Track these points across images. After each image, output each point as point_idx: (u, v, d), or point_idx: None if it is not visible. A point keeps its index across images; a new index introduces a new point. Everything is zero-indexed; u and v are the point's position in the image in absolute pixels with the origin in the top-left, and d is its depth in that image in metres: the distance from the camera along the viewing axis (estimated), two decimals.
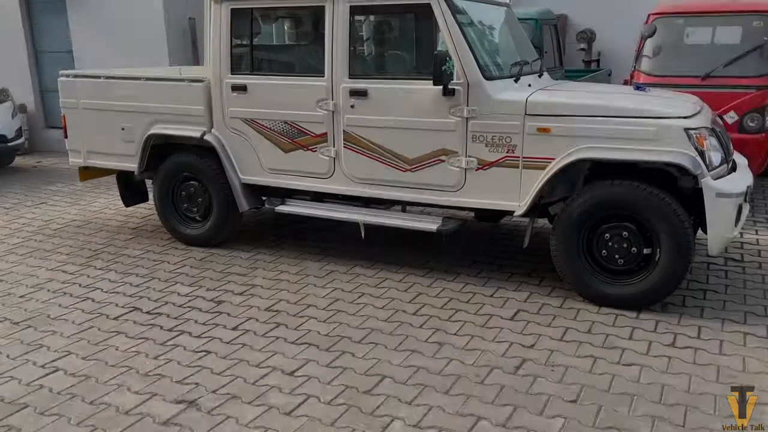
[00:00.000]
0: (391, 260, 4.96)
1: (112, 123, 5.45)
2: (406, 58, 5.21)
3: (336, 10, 4.46)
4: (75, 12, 9.65)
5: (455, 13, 4.21)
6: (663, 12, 6.20)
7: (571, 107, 3.97)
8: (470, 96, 4.16)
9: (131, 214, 6.44)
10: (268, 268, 4.89)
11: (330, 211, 4.88)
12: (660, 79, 5.98)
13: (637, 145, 3.80)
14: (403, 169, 4.47)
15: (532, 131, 4.04)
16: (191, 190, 5.36)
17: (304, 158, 4.80)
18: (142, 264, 5.03)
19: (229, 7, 4.84)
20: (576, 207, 3.97)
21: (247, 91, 4.86)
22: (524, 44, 5.15)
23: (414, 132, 4.37)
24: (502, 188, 4.21)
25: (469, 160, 4.25)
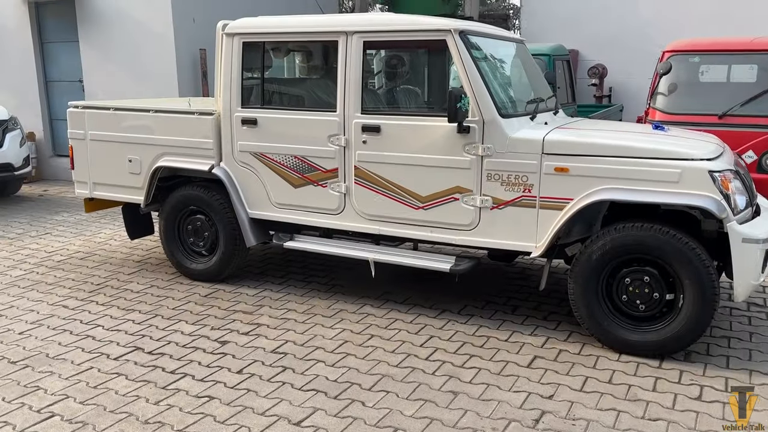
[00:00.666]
0: (401, 299, 4.81)
1: (120, 155, 5.38)
2: (419, 93, 5.14)
3: (349, 44, 4.40)
4: (86, 42, 9.69)
5: (470, 49, 4.14)
6: (678, 50, 6.13)
7: (591, 147, 3.86)
8: (485, 134, 4.07)
9: (136, 246, 6.33)
10: (275, 305, 4.75)
11: (339, 248, 4.76)
12: (676, 117, 5.88)
13: (660, 187, 3.68)
14: (416, 206, 4.35)
15: (549, 171, 3.93)
16: (198, 224, 5.25)
17: (314, 193, 4.69)
18: (146, 300, 4.89)
19: (241, 40, 4.79)
20: (595, 250, 3.83)
21: (258, 125, 4.78)
22: (539, 81, 5.07)
23: (427, 169, 4.26)
24: (517, 228, 4.08)
25: (483, 199, 4.13)
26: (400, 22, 4.35)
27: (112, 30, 9.40)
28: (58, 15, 10.00)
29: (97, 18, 9.46)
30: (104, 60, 9.58)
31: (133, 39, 9.26)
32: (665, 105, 6.02)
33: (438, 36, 4.17)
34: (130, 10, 9.19)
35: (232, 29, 4.83)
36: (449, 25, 4.13)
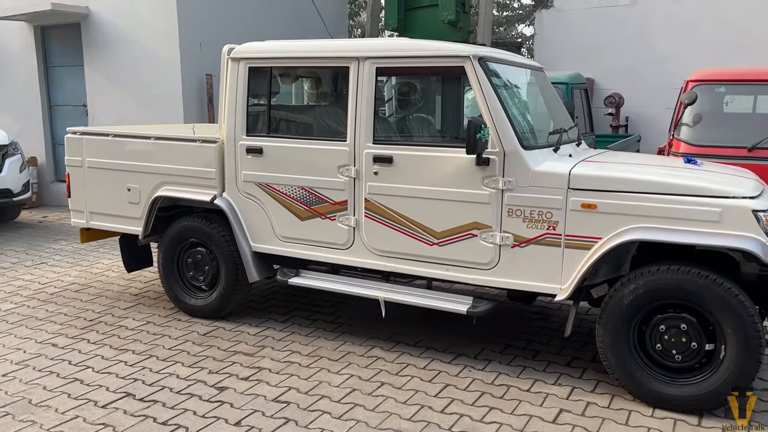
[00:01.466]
0: (413, 341, 4.49)
1: (118, 183, 5.13)
2: (435, 123, 4.88)
3: (361, 70, 4.16)
4: (91, 66, 9.54)
5: (490, 76, 3.89)
6: (703, 79, 5.87)
7: (621, 182, 3.58)
8: (506, 166, 3.79)
9: (134, 278, 6.05)
10: (278, 347, 4.44)
11: (347, 285, 4.46)
12: (702, 149, 5.60)
13: (698, 227, 3.38)
14: (431, 242, 4.06)
15: (575, 207, 3.65)
16: (198, 257, 4.97)
17: (321, 227, 4.41)
18: (141, 338, 4.59)
19: (247, 65, 4.56)
20: (627, 294, 3.52)
21: (263, 154, 4.53)
22: (559, 110, 4.81)
23: (443, 203, 3.99)
24: (541, 268, 3.78)
25: (504, 236, 3.84)
26: (416, 47, 4.11)
27: (117, 54, 9.25)
28: (64, 39, 9.87)
29: (103, 42, 9.32)
30: (109, 84, 9.42)
31: (138, 64, 9.09)
32: (690, 136, 5.74)
33: (456, 62, 3.92)
34: (135, 35, 9.04)
35: (238, 54, 4.60)
36: (468, 51, 3.89)
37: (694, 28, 8.72)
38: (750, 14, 8.42)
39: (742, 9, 8.44)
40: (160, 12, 8.74)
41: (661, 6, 8.87)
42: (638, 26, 8.99)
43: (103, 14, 9.26)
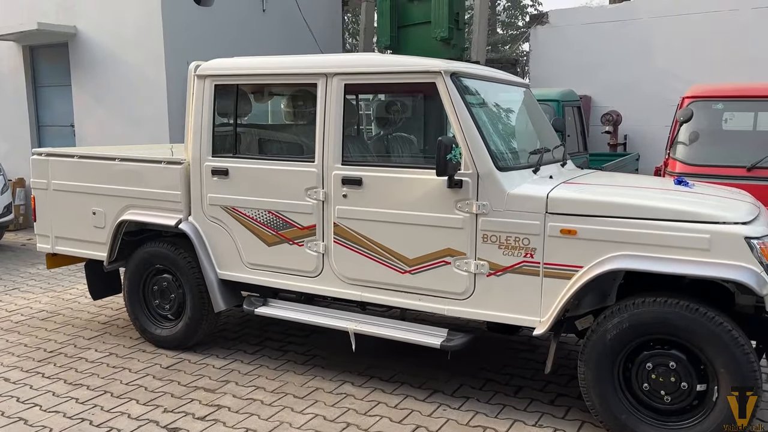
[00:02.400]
0: (388, 375, 4.20)
1: (83, 206, 4.90)
2: (406, 143, 4.62)
3: (329, 88, 3.92)
4: (79, 86, 9.39)
5: (464, 93, 3.63)
6: (700, 95, 5.60)
7: (602, 206, 3.29)
8: (480, 189, 3.52)
9: (105, 305, 5.79)
10: (243, 381, 4.15)
11: (316, 315, 4.18)
12: (699, 168, 5.31)
13: (686, 255, 3.09)
14: (402, 270, 3.79)
15: (554, 233, 3.37)
16: (164, 285, 4.71)
17: (289, 253, 4.15)
18: (99, 371, 4.32)
19: (213, 82, 4.34)
20: (610, 329, 3.22)
21: (229, 176, 4.29)
22: (545, 129, 4.55)
23: (415, 228, 3.71)
24: (518, 299, 3.49)
25: (478, 264, 3.56)
26: (386, 63, 3.86)
27: (104, 74, 9.10)
28: (52, 59, 9.75)
29: (90, 62, 9.18)
30: (96, 104, 9.26)
31: (125, 83, 8.94)
32: (686, 155, 5.46)
33: (427, 78, 3.67)
34: (123, 55, 8.89)
35: (203, 71, 4.38)
36: (439, 66, 3.64)
37: (693, 44, 8.48)
38: (750, 32, 8.17)
39: (743, 26, 8.19)
40: (147, 32, 8.60)
41: (659, 22, 8.63)
42: (636, 42, 8.75)
43: (91, 34, 9.13)
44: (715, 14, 8.19)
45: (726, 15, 8.16)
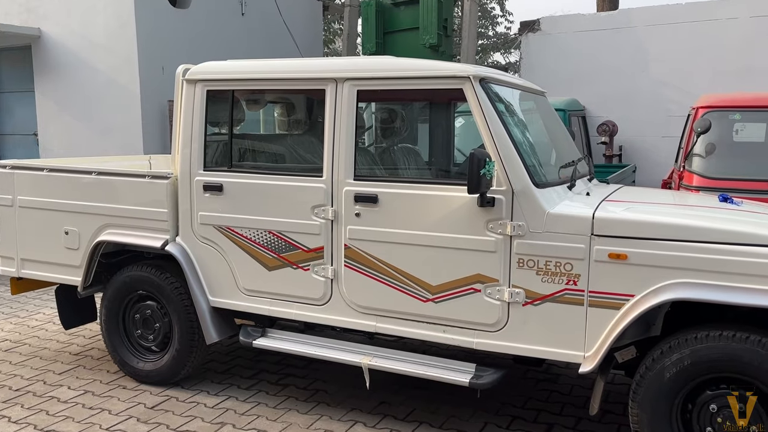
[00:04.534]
0: (401, 414, 3.78)
1: (54, 225, 4.38)
2: (428, 156, 4.22)
3: (340, 94, 3.51)
4: (42, 93, 8.78)
5: (494, 101, 3.26)
6: (716, 105, 5.35)
7: (658, 227, 2.95)
8: (515, 208, 3.15)
9: (76, 333, 5.24)
10: (240, 423, 3.69)
11: (323, 348, 3.74)
12: (717, 182, 5.04)
13: (753, 283, 2.76)
14: (424, 299, 3.38)
15: (601, 257, 3.01)
16: (147, 313, 4.22)
17: (293, 278, 3.71)
18: (74, 414, 3.80)
19: (205, 88, 3.89)
20: (668, 366, 2.87)
21: (223, 192, 3.83)
22: (566, 140, 4.22)
23: (439, 251, 3.32)
24: (559, 331, 3.12)
25: (513, 292, 3.18)
26: (405, 66, 3.46)
27: (71, 80, 8.51)
28: (14, 62, 9.11)
29: (55, 66, 8.58)
30: (62, 112, 8.65)
31: (94, 89, 8.36)
32: (705, 168, 5.19)
33: (453, 84, 3.29)
34: (91, 59, 8.32)
35: (194, 75, 3.93)
36: (467, 71, 3.26)
37: (690, 53, 8.31)
38: (748, 40, 8.03)
39: (740, 35, 8.05)
40: (119, 35, 8.05)
41: (654, 30, 8.45)
42: (631, 51, 8.56)
43: (57, 36, 8.53)
44: (712, 23, 8.03)
45: (724, 23, 8.01)
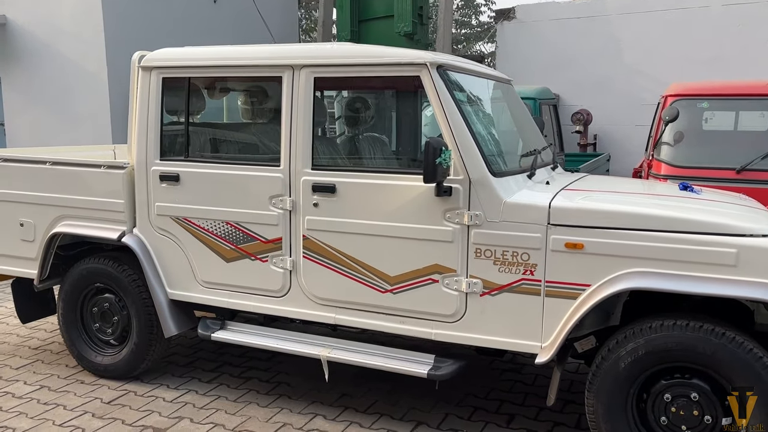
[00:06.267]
0: (362, 407, 3.74)
1: (9, 217, 4.28)
2: (386, 145, 4.16)
3: (296, 81, 3.43)
4: (9, 82, 8.59)
5: (452, 89, 3.20)
6: (684, 93, 5.32)
7: (614, 216, 2.91)
8: (473, 197, 3.10)
9: (37, 326, 5.14)
10: (198, 417, 3.62)
11: (283, 340, 3.68)
12: (685, 170, 5.02)
13: (708, 272, 2.74)
14: (383, 290, 3.33)
15: (558, 247, 2.97)
16: (105, 306, 4.13)
17: (251, 270, 3.64)
18: (28, 410, 3.72)
19: (161, 75, 3.79)
20: (623, 356, 2.84)
21: (180, 182, 3.75)
22: (531, 129, 4.17)
23: (397, 241, 3.27)
24: (517, 321, 3.09)
25: (471, 282, 3.14)
26: (362, 53, 3.39)
27: (38, 68, 8.33)
28: None
29: (22, 54, 8.39)
30: (29, 101, 8.47)
31: (62, 78, 8.19)
32: (672, 157, 5.17)
33: (410, 71, 3.22)
34: (58, 46, 8.14)
35: (149, 62, 3.83)
36: (424, 57, 3.20)
37: (663, 41, 8.30)
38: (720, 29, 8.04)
39: (713, 24, 8.05)
40: (86, 21, 7.88)
41: (628, 18, 8.42)
42: (605, 39, 8.53)
43: (23, 23, 8.34)
44: (684, 11, 8.02)
45: (696, 12, 8.00)
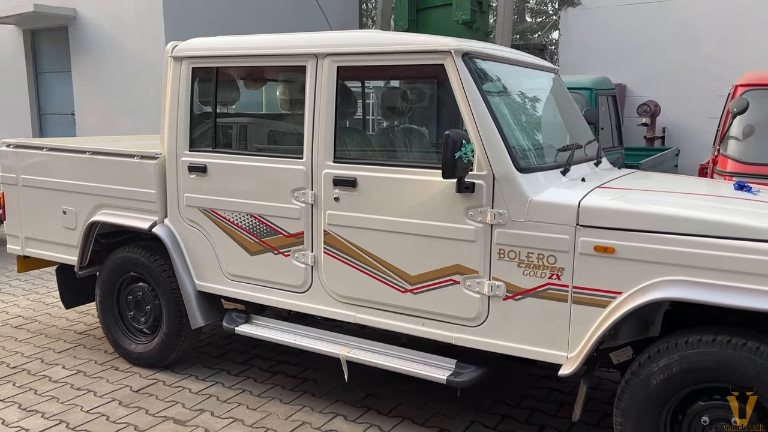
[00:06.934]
0: (387, 408, 3.61)
1: (53, 205, 4.39)
2: (409, 138, 3.98)
3: (319, 70, 3.31)
4: (79, 73, 8.93)
5: (478, 77, 3.00)
6: (756, 83, 4.86)
7: (649, 218, 2.64)
8: (497, 194, 2.90)
9: (86, 311, 5.29)
10: (219, 411, 3.60)
11: (305, 337, 3.61)
12: (755, 168, 4.59)
13: (755, 283, 2.43)
14: (403, 289, 3.18)
15: (587, 250, 2.73)
16: (139, 295, 4.18)
17: (274, 264, 3.57)
18: (60, 395, 3.80)
19: (190, 65, 3.77)
20: (655, 372, 2.58)
21: (207, 173, 3.72)
22: (576, 121, 3.90)
23: (417, 239, 3.11)
24: (541, 328, 2.87)
25: (493, 285, 2.94)
26: (385, 41, 3.24)
27: (104, 60, 8.61)
28: (53, 43, 9.30)
29: (90, 47, 8.70)
30: (96, 92, 8.79)
31: (126, 69, 8.44)
32: (740, 152, 4.74)
33: (434, 59, 3.04)
34: (122, 39, 8.39)
35: (180, 52, 3.82)
36: (448, 44, 3.01)
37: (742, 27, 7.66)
38: None
39: None
40: (147, 13, 8.07)
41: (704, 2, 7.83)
42: (678, 26, 7.96)
43: (90, 17, 8.64)
44: None
45: None
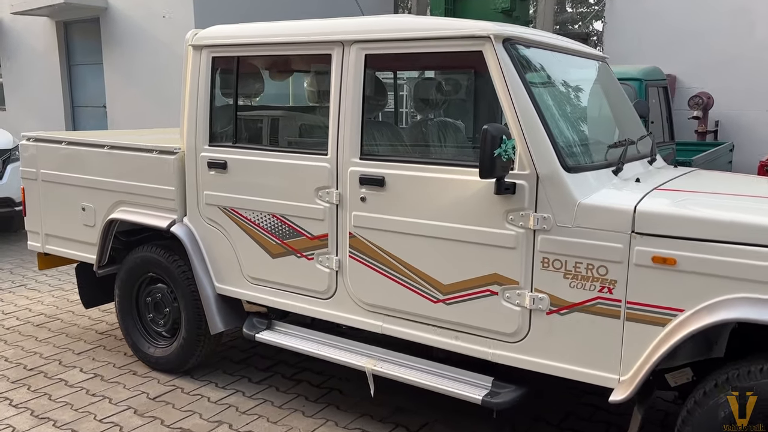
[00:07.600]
0: (417, 425, 3.34)
1: (73, 201, 4.23)
2: (443, 133, 3.68)
3: (345, 59, 3.05)
4: (110, 65, 8.85)
5: (520, 66, 2.69)
6: None
7: (716, 226, 2.31)
8: (540, 196, 2.60)
9: (109, 309, 5.14)
10: (238, 423, 3.38)
11: (329, 346, 3.36)
12: None
13: None
14: (435, 299, 2.91)
15: (643, 261, 2.41)
16: (158, 296, 3.99)
17: (296, 268, 3.33)
18: (75, 401, 3.63)
19: (210, 54, 3.54)
20: (723, 404, 2.26)
21: (227, 170, 3.49)
22: (627, 115, 3.56)
23: (450, 245, 2.82)
24: (589, 348, 2.57)
25: (536, 297, 2.64)
26: (418, 26, 2.94)
27: (135, 51, 8.51)
28: (85, 35, 9.25)
29: (121, 39, 8.60)
30: (127, 84, 8.70)
31: (156, 61, 8.31)
32: None
33: (471, 46, 2.74)
34: (154, 31, 8.26)
35: (199, 40, 3.60)
36: (487, 29, 2.70)
37: None
38: None
39: None
40: (177, 5, 7.91)
41: None
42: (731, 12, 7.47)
43: (121, 8, 8.54)
44: None
45: None
